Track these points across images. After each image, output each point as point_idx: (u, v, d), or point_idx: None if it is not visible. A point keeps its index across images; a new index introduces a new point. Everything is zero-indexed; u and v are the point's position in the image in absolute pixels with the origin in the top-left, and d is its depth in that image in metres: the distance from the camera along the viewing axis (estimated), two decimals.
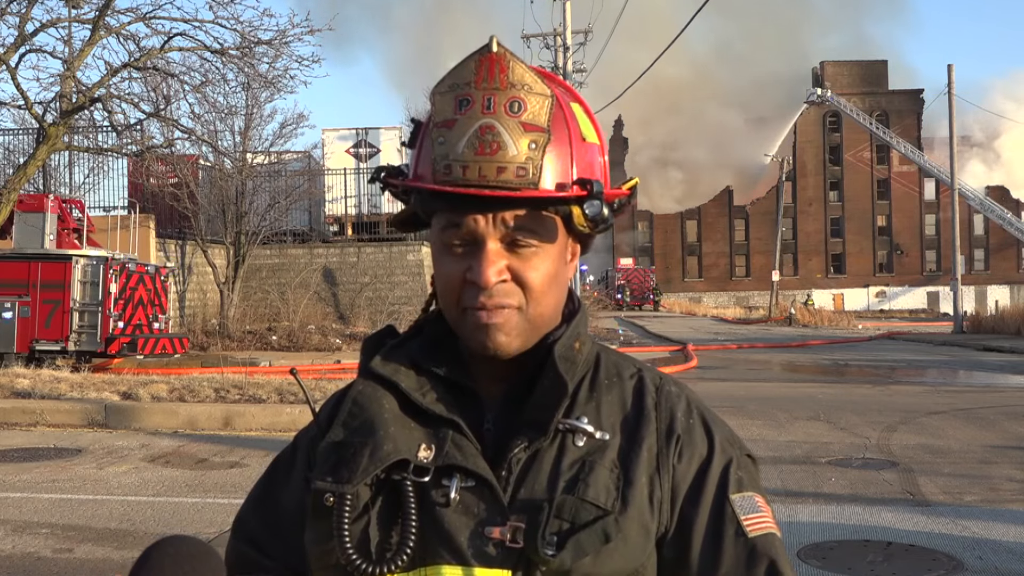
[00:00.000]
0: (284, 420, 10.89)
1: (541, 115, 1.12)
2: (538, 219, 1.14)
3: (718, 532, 1.15)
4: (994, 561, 5.89)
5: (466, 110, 1.11)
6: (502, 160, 1.10)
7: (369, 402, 1.19)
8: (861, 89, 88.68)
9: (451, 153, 1.11)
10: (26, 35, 15.80)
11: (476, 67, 1.13)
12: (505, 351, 1.16)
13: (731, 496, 1.17)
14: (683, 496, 1.17)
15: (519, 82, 1.12)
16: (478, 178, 1.10)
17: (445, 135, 1.12)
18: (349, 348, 22.61)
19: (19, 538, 6.34)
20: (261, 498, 1.32)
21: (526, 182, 1.11)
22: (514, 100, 1.11)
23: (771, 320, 53.25)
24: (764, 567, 1.15)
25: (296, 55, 18.23)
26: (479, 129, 1.10)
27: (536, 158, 1.11)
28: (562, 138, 1.14)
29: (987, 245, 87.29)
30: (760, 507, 1.19)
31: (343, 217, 29.92)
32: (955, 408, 13.35)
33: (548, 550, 1.08)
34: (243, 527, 1.32)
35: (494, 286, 1.13)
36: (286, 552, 1.25)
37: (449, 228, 1.14)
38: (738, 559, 1.14)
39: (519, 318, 1.15)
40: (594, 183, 1.13)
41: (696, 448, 1.19)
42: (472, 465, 1.13)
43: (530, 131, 1.11)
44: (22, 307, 16.84)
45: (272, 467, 1.33)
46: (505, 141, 1.10)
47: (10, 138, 24.48)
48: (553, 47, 35.91)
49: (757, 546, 1.15)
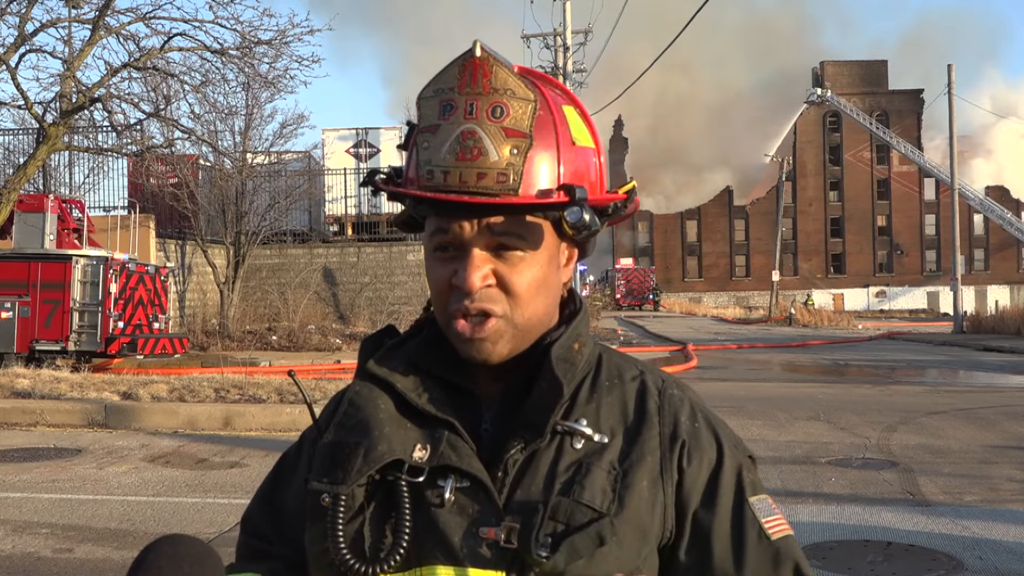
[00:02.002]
0: (284, 420, 10.89)
1: (523, 120, 1.11)
2: (524, 225, 1.13)
3: (740, 536, 1.15)
4: (994, 561, 5.88)
5: (449, 115, 1.11)
6: (483, 166, 1.09)
7: (365, 403, 1.19)
8: (861, 89, 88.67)
9: (434, 158, 1.11)
10: (26, 35, 15.79)
11: (459, 72, 1.12)
12: (493, 359, 1.16)
13: (750, 499, 1.18)
14: (696, 502, 1.16)
15: (502, 87, 1.11)
16: (459, 184, 1.10)
17: (429, 140, 1.12)
18: (349, 348, 22.60)
19: (19, 538, 6.34)
20: (267, 496, 1.33)
21: (506, 188, 1.10)
22: (496, 105, 1.11)
23: (771, 320, 53.26)
24: (790, 569, 1.15)
25: (296, 55, 18.26)
26: (461, 135, 1.10)
27: (517, 164, 1.10)
28: (548, 143, 1.13)
29: (987, 245, 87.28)
30: (775, 510, 1.20)
31: (343, 217, 29.92)
32: (955, 408, 13.34)
33: (542, 552, 1.08)
34: (250, 524, 1.34)
35: (478, 291, 1.12)
36: (291, 549, 1.26)
37: (437, 233, 1.15)
38: (763, 562, 1.15)
39: (505, 325, 1.15)
40: (576, 189, 1.11)
41: (705, 453, 1.19)
42: (467, 466, 1.13)
43: (512, 136, 1.10)
44: (22, 307, 16.83)
45: (279, 465, 1.34)
46: (486, 147, 1.10)
47: (10, 138, 24.50)
48: (553, 47, 35.91)
49: (781, 549, 1.16)
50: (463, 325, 1.14)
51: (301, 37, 16.44)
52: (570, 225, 1.12)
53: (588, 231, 1.14)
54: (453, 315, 1.15)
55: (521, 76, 1.14)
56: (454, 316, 1.15)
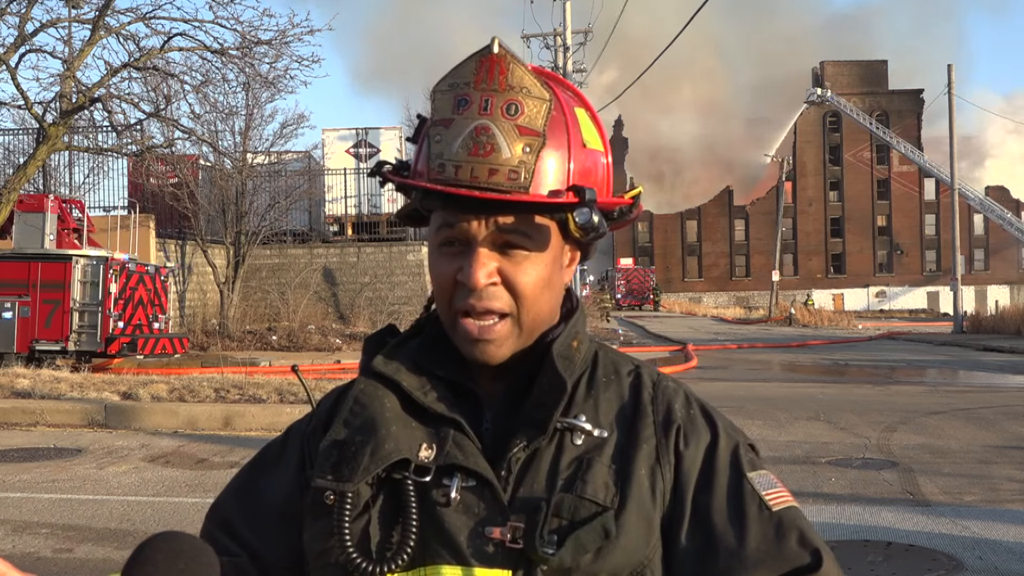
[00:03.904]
0: (284, 420, 10.87)
1: (538, 119, 1.11)
2: (531, 224, 1.13)
3: (740, 510, 1.14)
4: (994, 561, 5.88)
5: (464, 110, 1.11)
6: (495, 162, 1.09)
7: (371, 401, 1.19)
8: (861, 89, 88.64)
9: (446, 152, 1.11)
10: (26, 35, 15.79)
11: (476, 67, 1.12)
12: (495, 361, 1.16)
13: (748, 474, 1.17)
14: (695, 482, 1.16)
15: (518, 85, 1.11)
16: (470, 179, 1.10)
17: (442, 134, 1.12)
18: (349, 348, 22.60)
19: (19, 538, 6.34)
20: (244, 485, 1.29)
21: (517, 185, 1.10)
22: (511, 103, 1.11)
23: (771, 320, 53.24)
24: (794, 537, 1.13)
25: (296, 55, 18.22)
26: (474, 130, 1.10)
27: (529, 162, 1.10)
28: (560, 143, 1.13)
29: (987, 245, 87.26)
30: (777, 483, 1.18)
31: (343, 217, 29.91)
32: (955, 408, 13.34)
33: (547, 549, 1.08)
34: (217, 512, 1.29)
35: (483, 288, 1.12)
36: (260, 541, 1.23)
37: (443, 228, 1.15)
38: (765, 534, 1.13)
39: (510, 326, 1.15)
40: (587, 191, 1.11)
41: (700, 434, 1.19)
42: (473, 465, 1.13)
43: (525, 135, 1.10)
44: (22, 307, 16.83)
45: (259, 456, 1.31)
46: (499, 143, 1.10)
47: (10, 138, 24.47)
48: (553, 47, 35.92)
49: (784, 519, 1.14)
50: (471, 324, 1.14)
51: (301, 37, 16.42)
52: (579, 226, 1.12)
53: (595, 233, 1.13)
54: (458, 313, 1.14)
55: (536, 75, 1.14)
56: (459, 314, 1.14)
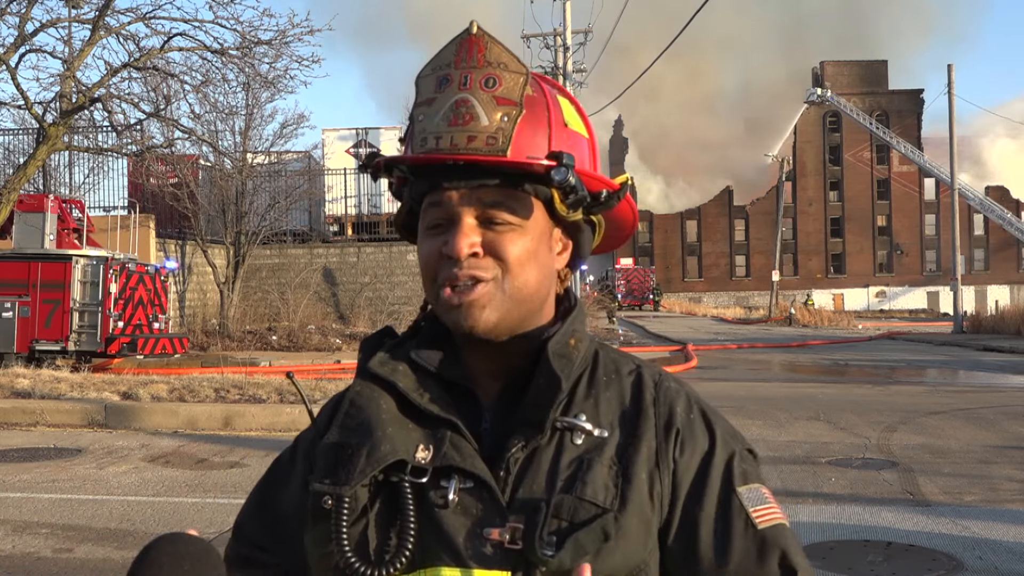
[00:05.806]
0: (284, 420, 10.89)
1: (515, 90, 1.14)
2: (513, 196, 1.15)
3: (726, 525, 1.14)
4: (994, 561, 5.88)
5: (445, 88, 1.15)
6: (474, 129, 1.12)
7: (367, 403, 1.19)
8: (861, 89, 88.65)
9: (428, 127, 1.14)
10: (26, 35, 15.79)
11: (456, 49, 1.16)
12: (485, 326, 1.14)
13: (738, 488, 1.16)
14: (686, 491, 1.16)
15: (496, 60, 1.15)
16: (450, 147, 1.13)
17: (425, 112, 1.16)
18: (349, 348, 22.59)
19: (19, 538, 6.34)
20: (260, 501, 1.32)
21: (495, 149, 1.12)
22: (490, 76, 1.14)
23: (771, 320, 53.21)
24: (776, 558, 1.13)
25: (296, 55, 18.18)
26: (455, 103, 1.13)
27: (507, 128, 1.13)
28: (539, 115, 1.16)
29: (987, 245, 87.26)
30: (767, 499, 1.18)
31: (343, 217, 29.93)
32: (955, 408, 13.34)
33: (547, 550, 1.07)
34: (242, 531, 1.33)
35: (467, 258, 1.13)
36: (286, 553, 1.25)
37: (430, 209, 1.16)
38: (748, 552, 1.13)
39: (494, 289, 1.14)
40: (564, 155, 1.13)
41: (697, 442, 1.18)
42: (470, 466, 1.12)
43: (503, 104, 1.13)
44: (22, 307, 16.83)
45: (272, 468, 1.33)
46: (478, 113, 1.13)
47: (10, 138, 24.49)
48: (553, 47, 35.90)
49: (767, 538, 1.14)
50: (449, 293, 1.14)
51: (301, 37, 16.37)
52: (556, 184, 1.14)
53: (575, 196, 1.16)
54: (442, 285, 1.15)
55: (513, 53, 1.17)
56: (443, 286, 1.15)
